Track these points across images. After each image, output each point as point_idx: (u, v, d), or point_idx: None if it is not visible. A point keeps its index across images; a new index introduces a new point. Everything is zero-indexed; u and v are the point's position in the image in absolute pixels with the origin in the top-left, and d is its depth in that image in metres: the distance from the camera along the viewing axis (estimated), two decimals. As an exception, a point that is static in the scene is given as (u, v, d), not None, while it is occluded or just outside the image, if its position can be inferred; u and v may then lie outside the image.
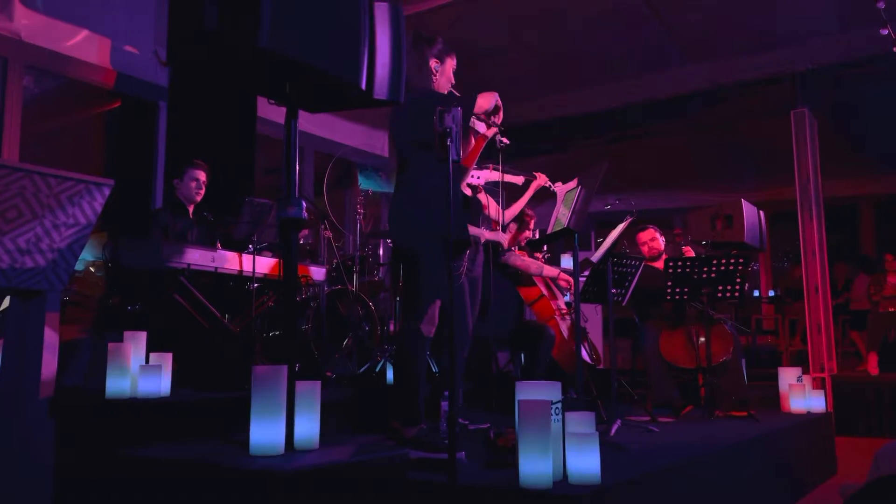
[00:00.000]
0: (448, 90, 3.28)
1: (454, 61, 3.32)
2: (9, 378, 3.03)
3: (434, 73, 3.24)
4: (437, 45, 3.27)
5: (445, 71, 3.28)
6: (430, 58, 3.24)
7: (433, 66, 3.25)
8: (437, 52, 3.26)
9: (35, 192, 2.80)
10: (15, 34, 4.92)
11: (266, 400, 2.11)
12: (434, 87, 3.25)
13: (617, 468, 2.50)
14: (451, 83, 3.31)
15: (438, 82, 3.27)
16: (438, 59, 3.26)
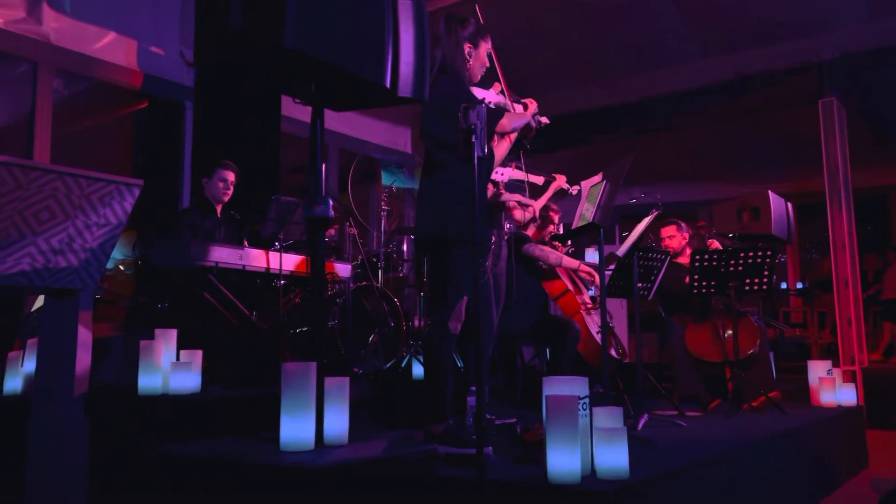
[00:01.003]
0: (481, 74, 3.26)
1: (489, 44, 3.27)
2: (44, 375, 3.10)
3: (468, 59, 3.21)
4: (470, 27, 3.21)
5: (479, 55, 3.24)
6: (463, 42, 3.19)
7: (467, 51, 3.20)
8: (470, 36, 3.21)
9: (67, 194, 2.86)
10: (44, 37, 5.00)
11: (296, 396, 2.13)
12: (468, 72, 3.24)
13: (645, 463, 2.50)
14: (485, 67, 3.28)
15: (472, 67, 3.24)
16: (472, 44, 3.21)
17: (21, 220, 2.77)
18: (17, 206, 2.74)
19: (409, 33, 2.39)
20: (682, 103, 7.61)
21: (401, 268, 6.03)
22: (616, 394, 4.21)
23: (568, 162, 4.94)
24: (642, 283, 4.35)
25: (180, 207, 5.72)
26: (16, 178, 2.69)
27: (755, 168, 9.69)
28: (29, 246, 2.83)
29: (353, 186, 5.53)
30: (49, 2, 5.01)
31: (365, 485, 2.02)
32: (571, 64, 7.51)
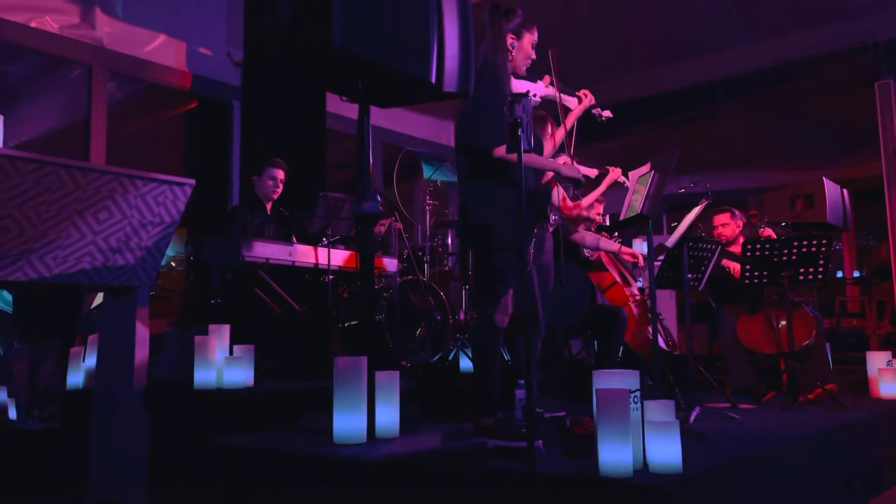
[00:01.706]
0: (526, 66, 3.21)
1: (534, 36, 3.20)
2: (104, 370, 3.21)
3: (510, 51, 3.15)
4: (516, 18, 3.16)
5: (523, 47, 3.18)
6: (506, 33, 3.13)
7: (509, 42, 3.14)
8: (514, 27, 3.15)
9: (123, 194, 2.94)
10: (97, 41, 5.15)
11: (348, 390, 2.16)
12: (510, 65, 3.19)
13: (698, 456, 2.47)
14: (531, 59, 3.22)
15: (515, 59, 3.18)
16: (515, 35, 3.15)
17: (81, 220, 2.86)
18: (77, 206, 2.83)
19: (453, 27, 2.39)
20: (729, 90, 7.45)
21: (446, 261, 6.05)
22: (666, 386, 4.16)
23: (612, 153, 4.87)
24: (692, 273, 4.28)
25: (229, 205, 5.83)
26: (75, 180, 2.78)
27: (806, 154, 9.43)
28: (89, 245, 2.93)
29: (398, 181, 5.57)
30: (102, 7, 5.16)
31: (417, 477, 2.04)
32: (613, 53, 7.40)
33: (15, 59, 5.19)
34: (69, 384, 3.63)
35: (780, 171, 9.65)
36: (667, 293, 6.71)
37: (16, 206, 2.67)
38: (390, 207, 5.25)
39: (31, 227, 2.74)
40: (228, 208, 5.76)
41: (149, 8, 5.43)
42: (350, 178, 7.25)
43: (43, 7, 4.90)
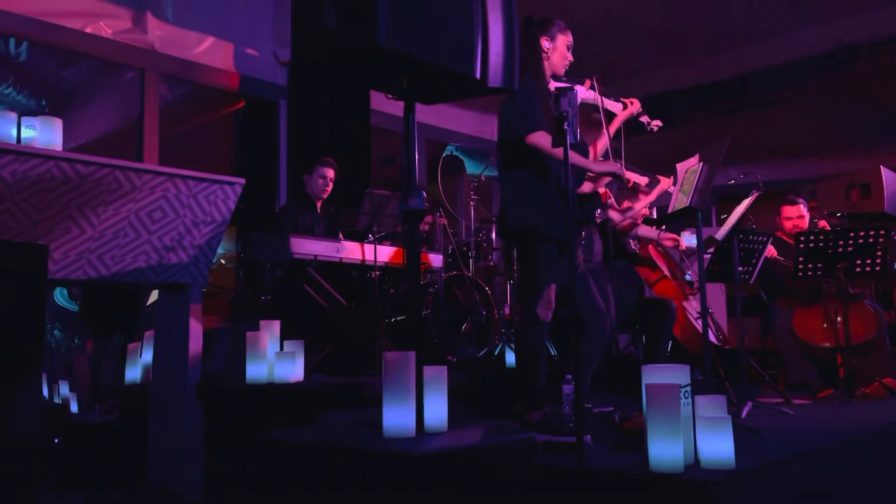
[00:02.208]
0: (565, 68, 3.22)
1: (569, 38, 3.22)
2: (160, 365, 3.30)
3: (545, 53, 3.18)
4: (550, 26, 3.19)
5: (558, 48, 3.19)
6: (540, 37, 3.16)
7: (544, 45, 3.16)
8: (547, 31, 3.18)
9: (176, 194, 3.02)
10: (149, 45, 5.28)
11: (397, 384, 2.19)
12: (546, 69, 3.19)
13: (751, 452, 2.43)
14: (568, 61, 3.24)
15: (551, 61, 3.20)
16: (550, 38, 3.18)
17: (136, 220, 2.95)
18: (133, 206, 2.92)
19: (497, 22, 2.39)
20: (781, 77, 7.26)
21: (490, 256, 6.05)
22: (717, 381, 4.09)
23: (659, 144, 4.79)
24: (743, 266, 4.20)
25: (277, 203, 5.93)
26: (131, 181, 2.87)
27: (862, 142, 9.13)
28: (144, 244, 3.02)
29: (442, 177, 5.58)
30: (153, 11, 5.29)
31: (466, 471, 2.05)
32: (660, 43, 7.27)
33: (71, 65, 5.36)
34: (127, 379, 3.75)
35: (834, 159, 9.37)
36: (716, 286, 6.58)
37: (76, 207, 2.77)
38: (434, 203, 5.27)
39: (91, 228, 2.84)
40: (276, 206, 5.85)
41: (198, 11, 5.55)
42: (394, 174, 7.30)
43: (97, 13, 5.05)
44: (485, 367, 4.62)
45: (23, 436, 2.37)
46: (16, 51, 5.03)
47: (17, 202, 2.61)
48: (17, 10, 4.68)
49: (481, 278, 5.51)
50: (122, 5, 5.17)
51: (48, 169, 2.64)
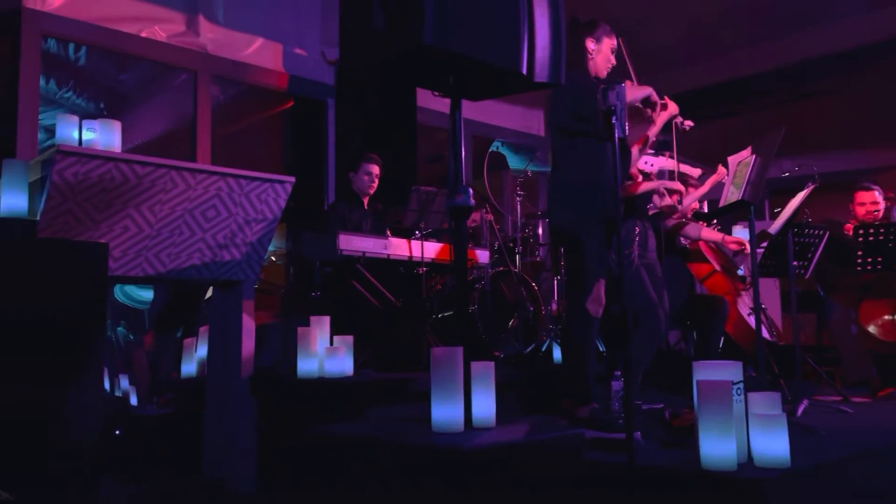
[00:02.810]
0: (607, 70, 3.22)
1: (613, 41, 3.24)
2: (215, 360, 3.39)
3: (590, 54, 3.20)
4: (596, 28, 3.22)
5: (602, 50, 3.21)
6: (585, 38, 3.19)
7: (589, 46, 3.19)
8: (592, 33, 3.21)
9: (229, 192, 3.10)
10: (202, 48, 5.41)
11: (445, 380, 2.20)
12: (590, 69, 3.20)
13: (806, 451, 2.37)
14: (611, 64, 3.24)
15: (596, 63, 3.21)
16: (595, 40, 3.21)
17: (191, 218, 3.03)
18: (188, 205, 3.00)
19: (544, 17, 2.38)
20: (838, 66, 7.04)
21: (537, 252, 6.02)
22: (771, 378, 4.00)
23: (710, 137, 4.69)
24: (798, 260, 4.09)
25: (326, 201, 6.01)
26: (186, 181, 2.95)
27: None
28: (198, 242, 3.10)
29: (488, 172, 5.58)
30: (205, 14, 5.41)
31: (515, 466, 2.06)
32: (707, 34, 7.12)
33: (128, 68, 5.53)
34: (183, 373, 3.85)
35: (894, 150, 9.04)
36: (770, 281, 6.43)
37: (134, 206, 2.86)
38: (480, 199, 5.27)
39: (148, 226, 2.93)
40: (325, 204, 5.93)
41: (248, 12, 5.66)
42: (441, 171, 7.32)
43: (152, 17, 5.19)
44: (532, 364, 4.61)
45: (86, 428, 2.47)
46: (75, 55, 5.20)
47: (79, 202, 2.71)
48: (77, 17, 4.84)
49: (528, 274, 5.50)
50: (175, 9, 5.31)
51: (108, 170, 2.73)
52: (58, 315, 2.46)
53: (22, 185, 2.75)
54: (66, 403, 2.42)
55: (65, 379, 2.44)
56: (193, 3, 5.37)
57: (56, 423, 2.38)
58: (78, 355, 2.50)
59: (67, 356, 2.47)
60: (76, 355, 2.49)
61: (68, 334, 2.48)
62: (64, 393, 2.42)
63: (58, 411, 2.39)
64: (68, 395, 2.42)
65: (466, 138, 7.50)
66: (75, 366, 2.49)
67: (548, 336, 4.83)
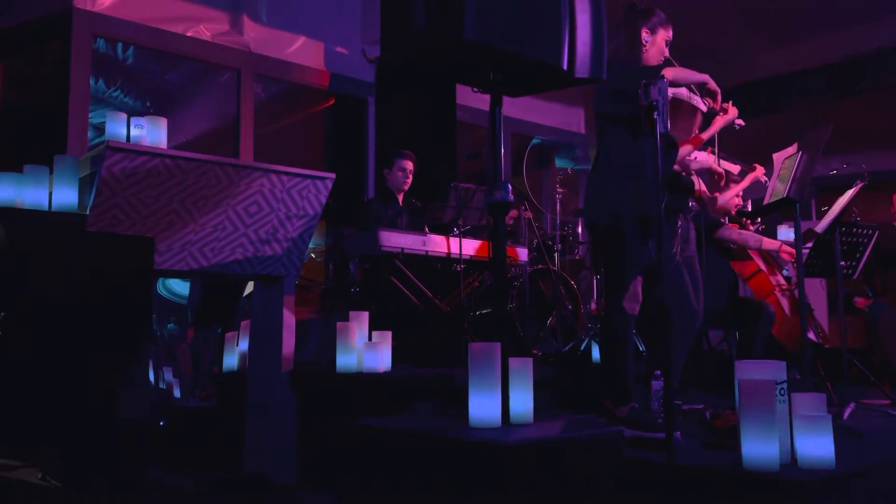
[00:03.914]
0: (659, 62, 3.16)
1: (668, 33, 3.18)
2: (256, 354, 3.44)
3: (644, 45, 3.15)
4: (653, 17, 3.16)
5: (657, 41, 3.15)
6: (641, 27, 3.14)
7: (644, 37, 3.13)
8: (650, 24, 3.15)
9: (271, 188, 3.14)
10: (245, 46, 5.50)
11: (483, 375, 2.20)
12: (644, 58, 3.15)
13: (852, 454, 2.32)
14: (664, 55, 3.19)
15: (648, 53, 3.16)
16: (650, 30, 3.15)
17: (234, 213, 3.09)
18: (231, 201, 3.05)
19: (585, 12, 2.36)
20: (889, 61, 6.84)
21: (576, 250, 5.98)
22: (817, 380, 3.91)
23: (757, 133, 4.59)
24: (846, 261, 3.99)
25: (366, 198, 6.06)
26: (230, 176, 3.00)
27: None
28: (241, 237, 3.15)
29: (528, 169, 5.57)
30: (249, 14, 5.50)
31: (554, 462, 2.05)
32: (761, 27, 6.98)
33: (173, 67, 5.65)
34: (225, 366, 3.92)
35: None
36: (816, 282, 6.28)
37: (179, 201, 2.92)
38: (519, 197, 5.26)
39: (192, 221, 2.99)
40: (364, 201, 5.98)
41: (290, 11, 5.74)
42: (480, 168, 7.32)
43: (197, 17, 5.30)
44: (570, 362, 4.58)
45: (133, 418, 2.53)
46: (123, 55, 5.33)
47: (127, 197, 2.78)
48: (124, 17, 4.96)
49: (567, 272, 5.47)
50: (219, 9, 5.40)
51: (155, 165, 2.80)
52: (106, 306, 2.53)
53: (72, 180, 2.83)
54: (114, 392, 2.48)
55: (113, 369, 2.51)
56: (237, 3, 5.46)
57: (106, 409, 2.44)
58: (125, 346, 2.57)
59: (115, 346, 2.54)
60: (123, 346, 2.56)
61: (116, 325, 2.55)
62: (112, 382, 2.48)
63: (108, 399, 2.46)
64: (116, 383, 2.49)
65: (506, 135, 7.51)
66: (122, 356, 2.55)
67: (586, 335, 4.80)
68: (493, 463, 1.99)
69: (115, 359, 2.54)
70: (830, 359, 4.54)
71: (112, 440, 2.49)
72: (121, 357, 2.57)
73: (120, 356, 2.56)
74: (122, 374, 2.54)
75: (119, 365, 2.55)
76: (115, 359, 2.54)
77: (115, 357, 2.54)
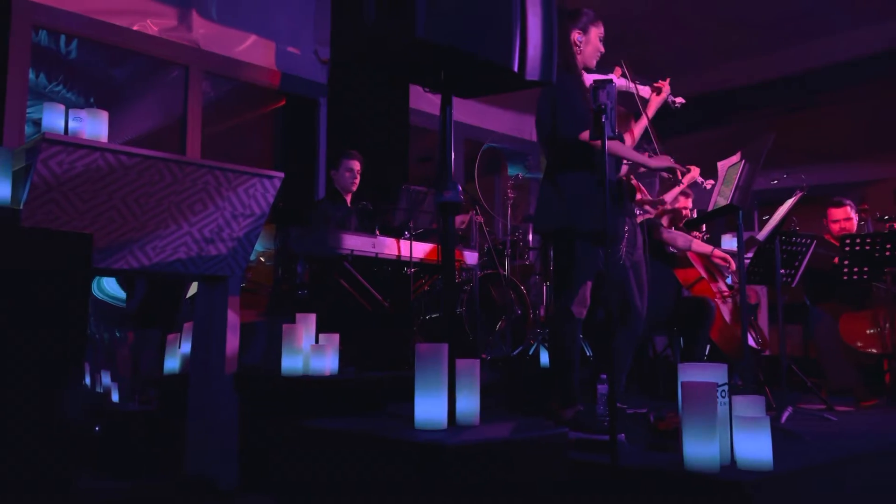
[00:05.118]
0: (596, 60, 3.20)
1: (600, 29, 3.20)
2: (199, 356, 3.36)
3: (577, 47, 3.17)
4: (581, 17, 3.18)
5: (591, 41, 3.18)
6: (571, 31, 3.16)
7: (576, 38, 3.16)
8: (580, 24, 3.18)
9: (217, 186, 3.07)
10: (194, 43, 5.39)
11: (429, 377, 2.19)
12: (579, 62, 3.18)
13: (789, 456, 2.37)
14: (600, 52, 3.22)
15: (584, 54, 3.19)
16: (581, 31, 3.17)
17: (178, 211, 3.01)
18: (175, 199, 2.97)
19: (536, 15, 2.38)
20: (829, 79, 7.10)
21: (527, 256, 6.02)
22: (756, 386, 4.01)
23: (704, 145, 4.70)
24: (785, 269, 4.10)
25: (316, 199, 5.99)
26: (173, 173, 2.92)
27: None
28: (185, 236, 3.07)
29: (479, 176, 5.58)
30: (198, 10, 5.40)
31: (498, 464, 2.04)
32: (707, 43, 7.17)
33: (119, 62, 5.50)
34: (166, 369, 3.82)
35: (883, 164, 9.11)
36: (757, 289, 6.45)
37: (119, 198, 2.83)
38: (471, 201, 5.27)
39: (134, 218, 2.90)
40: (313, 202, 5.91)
41: (241, 9, 5.65)
42: (432, 172, 7.32)
43: (144, 11, 5.17)
44: (519, 367, 4.60)
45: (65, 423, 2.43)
46: (66, 48, 5.17)
47: (64, 192, 2.68)
48: (67, 8, 4.81)
49: (517, 277, 5.49)
50: (168, 4, 5.29)
51: (94, 160, 2.70)
52: (39, 306, 2.43)
53: (5, 172, 2.71)
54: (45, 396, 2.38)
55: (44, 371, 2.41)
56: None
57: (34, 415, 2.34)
58: (59, 348, 2.47)
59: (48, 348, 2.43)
60: (57, 348, 2.46)
61: (49, 326, 2.45)
62: (43, 385, 2.38)
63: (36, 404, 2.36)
64: (48, 388, 2.39)
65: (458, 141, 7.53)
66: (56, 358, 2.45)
67: (535, 339, 4.82)
68: (437, 464, 1.97)
69: (47, 360, 2.44)
70: (770, 365, 4.67)
71: (43, 444, 2.39)
72: (54, 358, 2.46)
73: (52, 358, 2.46)
74: (55, 376, 2.44)
75: (52, 367, 2.45)
76: (48, 360, 2.44)
77: (48, 359, 2.44)
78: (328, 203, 4.66)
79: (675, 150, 4.14)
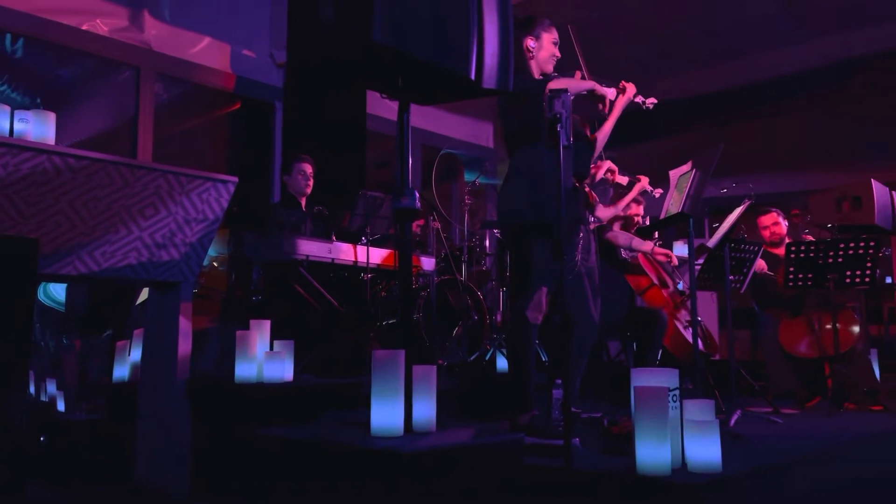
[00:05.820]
0: (552, 64, 3.23)
1: (553, 34, 3.23)
2: (150, 362, 3.29)
3: (530, 53, 3.20)
4: (535, 25, 3.21)
5: (544, 46, 3.21)
6: (524, 38, 3.19)
7: (529, 45, 3.19)
8: (531, 31, 3.20)
9: (169, 190, 3.02)
10: (146, 44, 5.29)
11: (386, 383, 2.18)
12: (534, 69, 3.21)
13: (738, 458, 2.44)
14: (556, 57, 3.25)
15: (538, 60, 3.22)
16: (535, 38, 3.20)
17: (128, 216, 2.94)
18: (125, 203, 2.91)
19: (493, 24, 2.40)
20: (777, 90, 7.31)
21: (484, 262, 6.05)
22: (706, 389, 4.10)
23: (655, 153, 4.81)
24: (734, 275, 4.21)
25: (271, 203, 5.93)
26: (124, 177, 2.86)
27: (855, 156, 9.20)
28: (135, 241, 3.00)
29: (437, 182, 5.59)
30: (150, 10, 5.30)
31: (454, 471, 2.05)
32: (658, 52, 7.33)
33: (67, 62, 5.36)
34: (115, 377, 3.73)
35: (825, 173, 9.44)
36: (707, 296, 6.60)
37: (67, 201, 2.76)
38: (428, 207, 5.27)
39: (82, 223, 2.83)
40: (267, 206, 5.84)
41: (195, 11, 5.57)
42: (389, 177, 7.31)
43: (94, 10, 5.06)
44: (475, 372, 4.61)
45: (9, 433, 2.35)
46: (12, 47, 5.02)
47: (9, 195, 2.60)
48: (13, 6, 4.67)
49: (474, 283, 5.51)
50: (118, 4, 5.18)
51: (40, 162, 2.63)
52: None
53: (-54, 175, 2.62)
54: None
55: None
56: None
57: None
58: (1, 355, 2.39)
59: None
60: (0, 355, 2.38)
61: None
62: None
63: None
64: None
65: (415, 147, 7.54)
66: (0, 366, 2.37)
67: (492, 345, 4.85)
68: (395, 471, 1.97)
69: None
70: (719, 370, 4.78)
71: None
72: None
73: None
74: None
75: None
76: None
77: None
78: (282, 207, 4.61)
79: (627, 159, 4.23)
